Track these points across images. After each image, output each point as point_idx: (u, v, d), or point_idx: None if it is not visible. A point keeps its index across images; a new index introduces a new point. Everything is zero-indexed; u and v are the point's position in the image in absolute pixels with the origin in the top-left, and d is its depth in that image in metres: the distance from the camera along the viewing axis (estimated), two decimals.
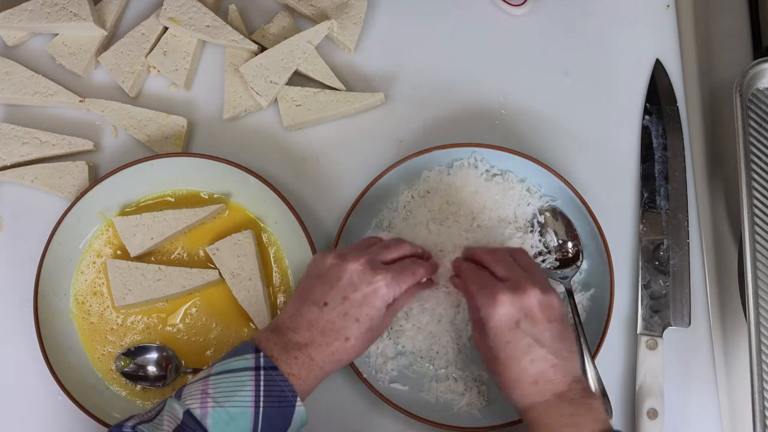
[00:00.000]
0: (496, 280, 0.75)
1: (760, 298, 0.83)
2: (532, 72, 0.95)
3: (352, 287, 0.73)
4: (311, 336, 0.72)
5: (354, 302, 0.73)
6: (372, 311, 0.73)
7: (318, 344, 0.72)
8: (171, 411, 0.68)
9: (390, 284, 0.74)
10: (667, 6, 0.97)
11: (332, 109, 0.92)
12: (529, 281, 0.74)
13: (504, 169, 0.88)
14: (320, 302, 0.73)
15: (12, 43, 0.96)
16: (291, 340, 0.72)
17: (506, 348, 0.72)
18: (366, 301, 0.73)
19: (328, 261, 0.76)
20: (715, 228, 0.93)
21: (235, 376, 0.69)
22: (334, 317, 0.73)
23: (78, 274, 0.88)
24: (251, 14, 0.98)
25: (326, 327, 0.73)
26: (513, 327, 0.72)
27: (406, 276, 0.76)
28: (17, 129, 0.92)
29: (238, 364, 0.70)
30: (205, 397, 0.68)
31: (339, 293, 0.73)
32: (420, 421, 0.82)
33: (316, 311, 0.73)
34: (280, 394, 0.69)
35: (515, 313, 0.72)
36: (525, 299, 0.73)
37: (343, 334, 0.73)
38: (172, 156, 0.88)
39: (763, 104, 0.88)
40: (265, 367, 0.70)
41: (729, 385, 0.89)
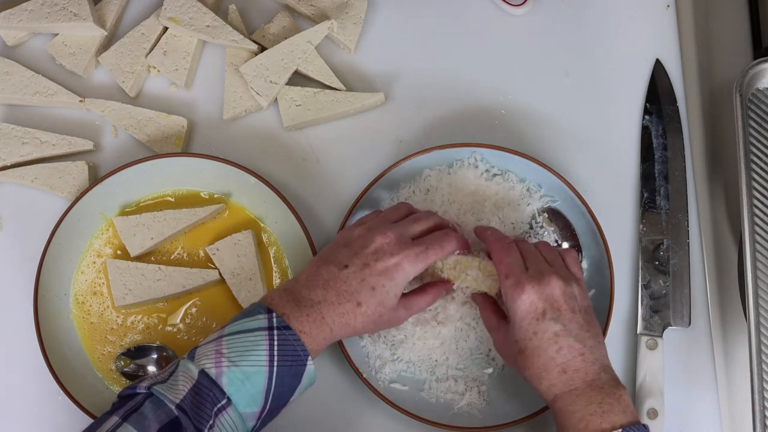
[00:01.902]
0: (522, 267, 0.76)
1: (760, 298, 0.83)
2: (532, 72, 0.95)
3: (375, 256, 0.74)
4: (325, 294, 0.73)
5: (374, 270, 0.74)
6: (389, 284, 0.74)
7: (330, 303, 0.73)
8: (186, 371, 0.69)
9: (413, 261, 0.75)
10: (667, 6, 0.97)
11: (332, 109, 0.92)
12: (551, 271, 0.75)
13: (504, 169, 0.88)
14: (341, 264, 0.74)
15: (12, 43, 0.96)
16: (304, 297, 0.73)
17: (533, 339, 0.73)
18: (386, 272, 0.74)
19: (356, 231, 0.77)
20: (715, 228, 0.93)
21: (248, 336, 0.70)
22: (351, 279, 0.73)
23: (78, 274, 0.88)
24: (251, 14, 0.98)
25: (341, 288, 0.73)
26: (539, 317, 0.73)
27: (431, 252, 0.76)
28: (17, 129, 0.92)
29: (251, 324, 0.71)
30: (220, 357, 0.69)
31: (361, 259, 0.74)
32: (420, 421, 0.82)
33: (335, 271, 0.74)
34: (293, 353, 0.70)
35: (540, 304, 0.73)
36: (548, 289, 0.73)
37: (356, 298, 0.73)
38: (172, 156, 0.88)
39: (763, 104, 0.88)
40: (278, 326, 0.70)
41: (729, 385, 0.89)
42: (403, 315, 0.78)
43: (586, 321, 0.74)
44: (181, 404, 0.67)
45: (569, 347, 0.72)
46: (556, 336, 0.72)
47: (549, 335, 0.72)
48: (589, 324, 0.74)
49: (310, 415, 0.86)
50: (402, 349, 0.84)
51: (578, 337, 0.72)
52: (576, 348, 0.72)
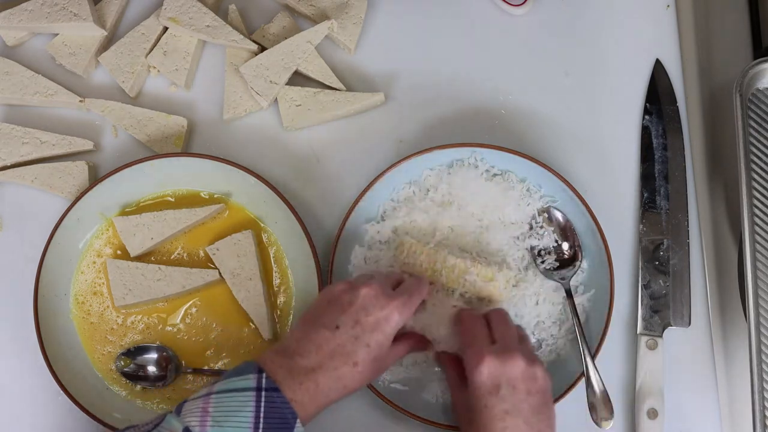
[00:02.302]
0: (487, 339, 0.76)
1: (760, 298, 0.83)
2: (532, 72, 0.95)
3: (365, 311, 0.73)
4: (319, 360, 0.71)
5: (366, 326, 0.73)
6: (381, 338, 0.73)
7: (326, 368, 0.71)
8: (170, 427, 0.67)
9: (402, 310, 0.74)
10: (667, 6, 0.97)
11: (332, 109, 0.92)
12: (518, 350, 0.74)
13: (504, 169, 0.88)
14: (331, 326, 0.73)
15: (12, 43, 0.96)
16: (298, 364, 0.71)
17: (483, 412, 0.72)
18: (378, 326, 0.73)
19: (339, 288, 0.76)
20: (715, 228, 0.93)
21: (236, 396, 0.69)
22: (345, 341, 0.72)
23: (78, 274, 0.88)
24: (251, 14, 0.98)
25: (336, 350, 0.72)
26: (493, 391, 0.72)
27: (414, 298, 0.77)
28: (17, 129, 0.92)
29: (240, 383, 0.69)
30: (205, 416, 0.67)
31: (351, 317, 0.73)
32: (420, 421, 0.82)
33: (326, 334, 0.72)
34: (280, 417, 0.68)
35: (497, 379, 0.72)
36: (509, 366, 0.73)
37: (352, 359, 0.72)
38: (172, 156, 0.88)
39: (763, 104, 0.88)
40: (267, 388, 0.69)
41: (729, 385, 0.89)
42: (390, 362, 0.77)
43: (540, 404, 0.73)
44: None
45: (515, 427, 0.71)
46: (505, 413, 0.71)
47: (498, 411, 0.71)
48: (542, 407, 0.73)
49: None
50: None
51: (527, 420, 0.72)
52: (522, 430, 0.71)
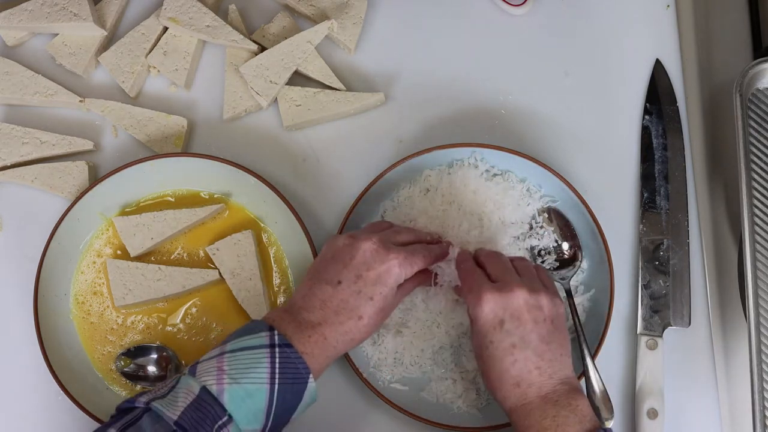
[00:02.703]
0: (485, 280, 0.75)
1: (760, 298, 0.83)
2: (532, 72, 0.95)
3: (366, 265, 0.74)
4: (324, 315, 0.73)
5: (368, 280, 0.73)
6: (385, 290, 0.74)
7: (331, 323, 0.72)
8: (186, 387, 0.68)
9: (403, 264, 0.75)
10: (667, 6, 0.97)
11: (332, 109, 0.92)
12: (518, 282, 0.74)
13: (504, 169, 0.88)
14: (333, 281, 0.74)
15: (12, 43, 0.96)
16: (305, 319, 0.73)
17: (489, 348, 0.72)
18: (380, 279, 0.74)
19: (341, 242, 0.76)
20: (715, 228, 0.93)
21: (250, 353, 0.70)
22: (347, 296, 0.73)
23: (78, 274, 0.88)
24: (251, 14, 0.98)
25: (340, 306, 0.73)
26: (496, 327, 0.72)
27: (418, 257, 0.77)
28: (17, 129, 0.92)
29: (253, 341, 0.70)
30: (221, 374, 0.68)
31: (352, 271, 0.74)
32: (420, 421, 0.82)
33: (329, 290, 0.74)
34: (294, 371, 0.70)
35: (499, 313, 0.72)
36: (510, 299, 0.72)
37: (356, 313, 0.73)
38: (172, 156, 0.88)
39: (763, 104, 0.88)
40: (280, 344, 0.70)
41: (729, 385, 0.89)
42: (398, 301, 0.79)
43: (549, 332, 0.72)
44: (180, 421, 0.66)
45: (525, 360, 0.71)
46: (512, 347, 0.71)
47: (505, 345, 0.71)
48: (552, 335, 0.73)
49: (310, 415, 0.86)
50: (401, 350, 0.84)
51: (536, 349, 0.71)
52: (532, 361, 0.71)
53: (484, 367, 0.73)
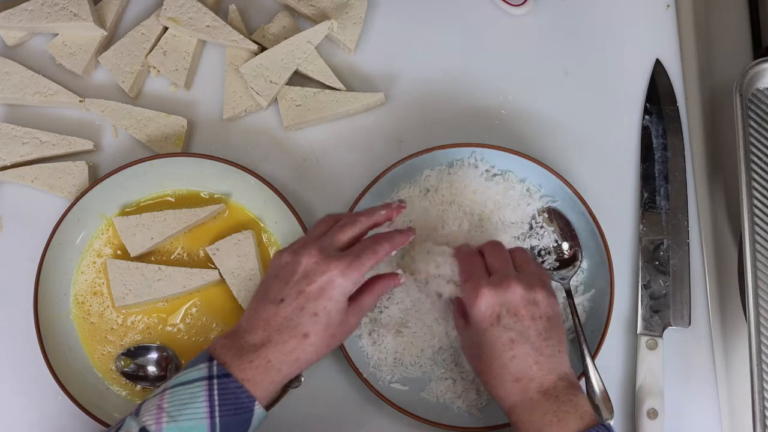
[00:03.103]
0: (483, 273, 0.75)
1: (760, 298, 0.83)
2: (532, 72, 0.95)
3: (307, 280, 0.70)
4: (267, 335, 0.70)
5: (310, 295, 0.70)
6: (330, 304, 0.70)
7: (275, 343, 0.69)
8: (127, 429, 0.67)
9: (345, 272, 0.70)
10: (667, 6, 0.97)
11: (332, 109, 0.92)
12: (515, 277, 0.73)
13: (504, 169, 0.88)
14: (276, 299, 0.71)
15: (12, 43, 0.96)
16: (247, 342, 0.70)
17: (487, 344, 0.72)
18: (322, 293, 0.70)
19: (284, 258, 0.73)
20: (715, 228, 0.93)
21: (188, 387, 0.68)
22: (290, 313, 0.70)
23: (78, 274, 0.88)
24: (251, 14, 0.98)
25: (283, 324, 0.70)
26: (494, 322, 0.72)
27: (364, 259, 0.72)
28: (17, 129, 0.92)
29: (192, 375, 0.68)
30: (160, 413, 0.67)
31: (294, 287, 0.70)
32: (420, 421, 0.82)
33: (272, 308, 0.71)
34: (236, 402, 0.67)
35: (497, 308, 0.72)
36: (507, 294, 0.72)
37: (300, 331, 0.70)
38: (172, 156, 0.88)
39: (763, 104, 0.88)
40: (219, 375, 0.67)
41: (729, 385, 0.89)
42: (355, 321, 0.74)
43: (546, 329, 0.72)
44: None
45: (524, 355, 0.71)
46: (511, 342, 0.71)
47: (504, 341, 0.71)
48: (549, 332, 0.72)
49: (311, 415, 0.86)
50: (401, 350, 0.84)
51: (534, 345, 0.71)
52: (531, 356, 0.71)
53: (482, 366, 0.73)
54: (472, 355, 0.75)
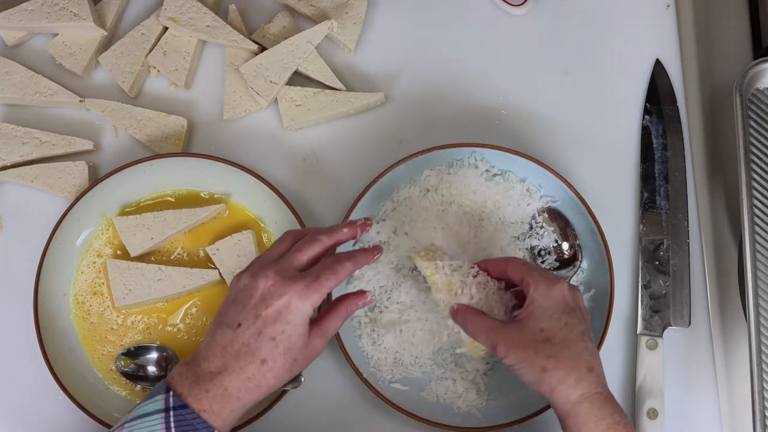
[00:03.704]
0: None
1: (760, 298, 0.83)
2: (532, 72, 0.95)
3: (264, 303, 0.68)
4: (224, 362, 0.68)
5: (267, 319, 0.68)
6: (288, 328, 0.68)
7: (232, 370, 0.67)
8: None
9: (303, 294, 0.68)
10: (667, 6, 0.97)
11: (332, 109, 0.92)
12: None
13: (504, 169, 0.88)
14: (233, 324, 0.69)
15: (12, 43, 0.96)
16: (203, 370, 0.68)
17: (564, 329, 0.70)
18: (280, 316, 0.68)
19: (242, 281, 0.71)
20: (715, 228, 0.93)
21: (146, 421, 0.66)
22: (248, 338, 0.68)
23: (78, 274, 0.88)
24: (251, 14, 0.98)
25: (240, 350, 0.68)
26: (569, 311, 0.71)
27: (323, 279, 0.69)
28: (17, 129, 0.92)
29: (150, 407, 0.67)
30: None
31: (251, 311, 0.68)
32: (420, 421, 0.82)
33: (229, 333, 0.68)
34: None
35: (570, 299, 0.71)
36: (576, 292, 0.73)
37: (258, 356, 0.67)
38: (172, 156, 0.88)
39: (763, 104, 0.88)
40: (175, 407, 0.66)
41: (729, 385, 0.89)
42: (320, 344, 0.71)
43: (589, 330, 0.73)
44: None
45: (593, 351, 0.70)
46: (582, 334, 0.70)
47: (577, 331, 0.70)
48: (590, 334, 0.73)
49: (310, 415, 0.86)
50: (401, 350, 0.84)
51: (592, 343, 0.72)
52: (596, 353, 0.71)
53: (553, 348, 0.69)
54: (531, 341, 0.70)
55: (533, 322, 0.71)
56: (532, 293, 0.72)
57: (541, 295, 0.71)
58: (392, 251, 0.86)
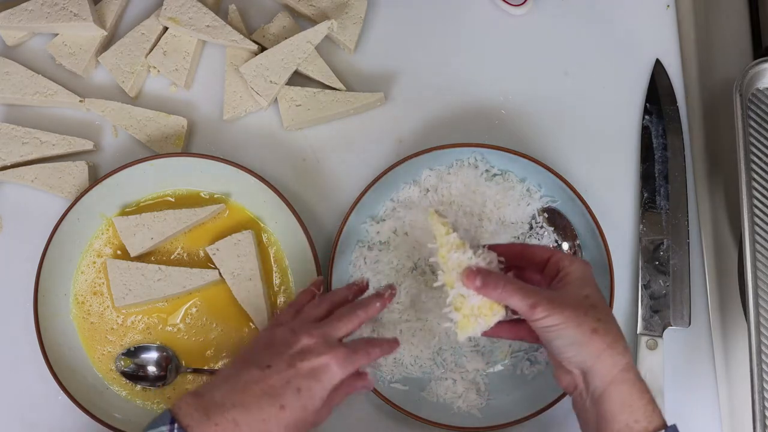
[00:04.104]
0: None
1: (760, 298, 0.83)
2: (532, 72, 0.95)
3: (301, 356, 0.69)
4: (243, 398, 0.68)
5: (300, 371, 0.69)
6: (316, 386, 0.69)
7: (249, 407, 0.67)
8: None
9: (342, 363, 0.70)
10: (667, 6, 0.97)
11: (332, 109, 0.92)
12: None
13: (504, 169, 0.88)
14: (263, 365, 0.69)
15: (12, 43, 0.96)
16: (217, 401, 0.67)
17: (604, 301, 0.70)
18: (313, 374, 0.69)
19: (279, 332, 0.72)
20: (715, 228, 0.93)
21: None
22: (275, 381, 0.68)
23: (78, 274, 0.88)
24: (251, 14, 0.98)
25: (264, 390, 0.68)
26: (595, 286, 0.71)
27: (359, 356, 0.72)
28: (17, 129, 0.92)
29: None
30: None
31: (286, 360, 0.69)
32: (420, 421, 0.82)
33: (256, 373, 0.69)
34: None
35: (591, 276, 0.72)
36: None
37: (279, 401, 0.68)
38: (172, 156, 0.88)
39: (763, 104, 0.88)
40: None
41: (729, 385, 0.89)
42: (325, 414, 0.72)
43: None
44: None
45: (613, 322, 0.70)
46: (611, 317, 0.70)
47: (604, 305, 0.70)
48: None
49: None
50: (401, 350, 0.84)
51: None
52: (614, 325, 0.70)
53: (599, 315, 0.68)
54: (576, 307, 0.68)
55: (575, 289, 0.70)
56: (568, 267, 0.71)
57: (579, 268, 0.71)
58: (392, 251, 0.86)
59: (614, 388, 0.67)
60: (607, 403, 0.67)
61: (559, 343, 0.68)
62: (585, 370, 0.68)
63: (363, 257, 0.87)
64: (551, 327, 0.67)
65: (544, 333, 0.68)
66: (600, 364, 0.67)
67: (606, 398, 0.67)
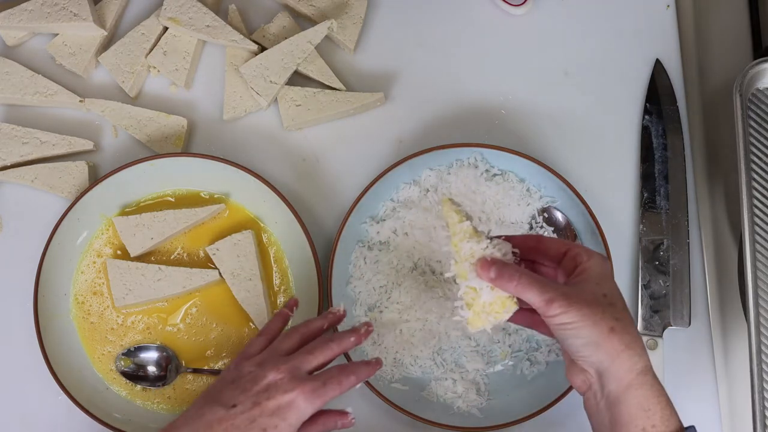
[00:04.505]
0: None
1: (760, 298, 0.83)
2: (532, 72, 0.95)
3: (267, 394, 0.67)
4: None
5: (265, 410, 0.67)
6: (282, 425, 0.66)
7: None
8: None
9: (310, 398, 0.67)
10: (667, 6, 0.97)
11: (332, 109, 0.92)
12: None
13: (504, 169, 0.88)
14: (227, 403, 0.67)
15: (12, 43, 0.96)
16: None
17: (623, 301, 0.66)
18: (279, 411, 0.67)
19: (245, 367, 0.70)
20: (715, 228, 0.93)
21: None
22: (239, 421, 0.66)
23: (78, 274, 0.88)
24: (251, 14, 0.98)
25: (227, 430, 0.66)
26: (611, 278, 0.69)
27: (329, 387, 0.68)
28: (17, 129, 0.92)
29: None
30: None
31: (251, 398, 0.67)
32: (420, 421, 0.82)
33: (221, 412, 0.67)
34: None
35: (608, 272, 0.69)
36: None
37: None
38: (172, 156, 0.88)
39: (763, 104, 0.88)
40: None
41: (729, 385, 0.89)
42: None
43: None
44: None
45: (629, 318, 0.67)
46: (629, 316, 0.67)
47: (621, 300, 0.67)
48: None
49: None
50: (401, 350, 0.84)
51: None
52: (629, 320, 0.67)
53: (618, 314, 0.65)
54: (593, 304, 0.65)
55: (593, 286, 0.66)
56: (586, 262, 0.68)
57: (597, 264, 0.67)
58: (392, 251, 0.86)
59: (631, 393, 0.64)
60: (623, 407, 0.65)
61: (575, 341, 0.65)
62: (601, 371, 0.65)
63: (363, 257, 0.87)
64: (567, 324, 0.64)
65: (559, 330, 0.65)
66: (617, 366, 0.64)
67: (622, 402, 0.65)
